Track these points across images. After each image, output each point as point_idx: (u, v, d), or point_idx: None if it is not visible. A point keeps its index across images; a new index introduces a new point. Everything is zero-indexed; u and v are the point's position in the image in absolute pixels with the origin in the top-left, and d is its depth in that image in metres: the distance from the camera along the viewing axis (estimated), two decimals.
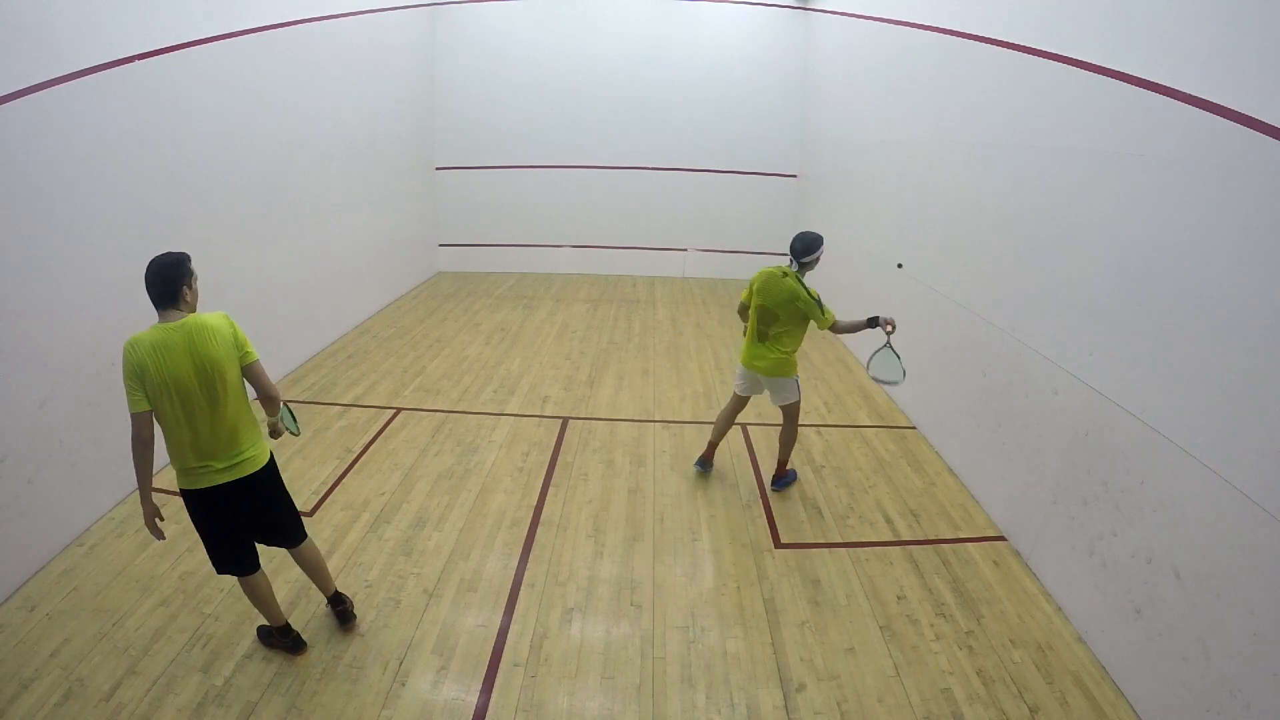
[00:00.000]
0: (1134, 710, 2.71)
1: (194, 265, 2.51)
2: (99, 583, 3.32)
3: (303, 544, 2.95)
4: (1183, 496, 2.57)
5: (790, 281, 3.87)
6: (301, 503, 4.05)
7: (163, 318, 2.44)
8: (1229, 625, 2.32)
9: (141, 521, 3.75)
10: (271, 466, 2.76)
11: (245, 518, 2.71)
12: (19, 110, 3.25)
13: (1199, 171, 2.58)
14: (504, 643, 3.04)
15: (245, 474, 2.63)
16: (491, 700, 2.75)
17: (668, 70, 9.71)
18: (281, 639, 2.89)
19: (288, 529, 2.90)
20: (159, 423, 2.48)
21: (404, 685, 2.80)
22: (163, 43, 4.28)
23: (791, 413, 4.21)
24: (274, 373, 5.80)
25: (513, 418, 5.33)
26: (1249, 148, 2.35)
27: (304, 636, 2.97)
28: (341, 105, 7.01)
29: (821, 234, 3.94)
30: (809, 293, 3.87)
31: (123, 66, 3.93)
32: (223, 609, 3.17)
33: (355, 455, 4.65)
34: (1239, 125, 2.40)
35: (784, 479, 4.36)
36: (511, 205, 10.27)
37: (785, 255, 4.12)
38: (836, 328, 3.87)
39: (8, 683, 2.72)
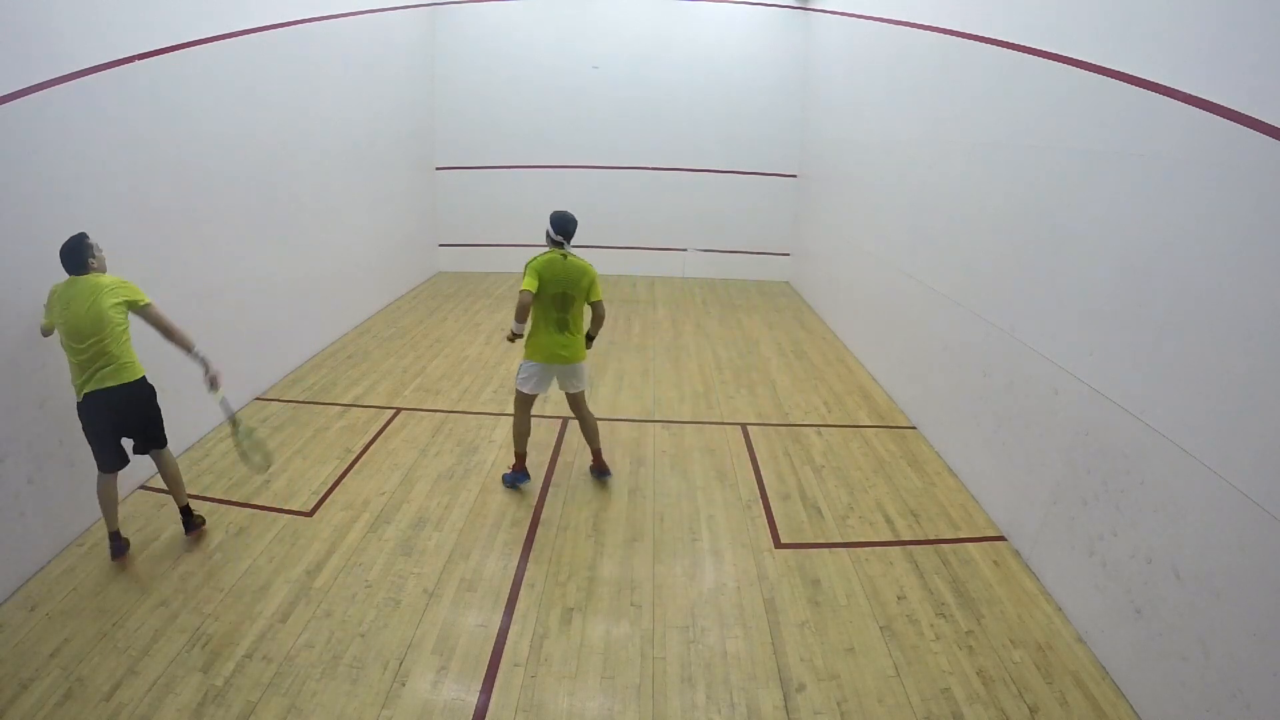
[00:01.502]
0: (1134, 710, 2.71)
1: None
2: (99, 583, 3.32)
3: (164, 450, 3.59)
4: (1183, 496, 2.57)
5: (576, 260, 4.07)
6: (301, 503, 4.06)
7: (73, 278, 3.16)
8: (1229, 625, 2.32)
9: (142, 522, 3.78)
10: (142, 385, 3.35)
11: (114, 421, 3.32)
12: (20, 110, 3.25)
13: (1199, 171, 2.58)
14: (504, 643, 3.04)
15: (108, 385, 3.20)
16: (491, 700, 2.74)
17: (667, 70, 9.70)
18: (115, 542, 3.42)
19: (153, 439, 3.52)
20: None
21: (404, 685, 2.80)
22: (163, 43, 4.27)
23: (584, 397, 4.32)
24: (274, 373, 5.85)
25: (513, 418, 5.31)
26: (1249, 148, 2.35)
27: (304, 637, 3.01)
28: (341, 105, 7.00)
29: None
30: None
31: (123, 66, 3.93)
32: (223, 609, 3.17)
33: (355, 455, 4.65)
34: (1238, 125, 2.40)
35: (605, 470, 4.41)
36: (511, 205, 10.24)
37: (785, 254, 4.11)
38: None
39: (8, 683, 2.71)
